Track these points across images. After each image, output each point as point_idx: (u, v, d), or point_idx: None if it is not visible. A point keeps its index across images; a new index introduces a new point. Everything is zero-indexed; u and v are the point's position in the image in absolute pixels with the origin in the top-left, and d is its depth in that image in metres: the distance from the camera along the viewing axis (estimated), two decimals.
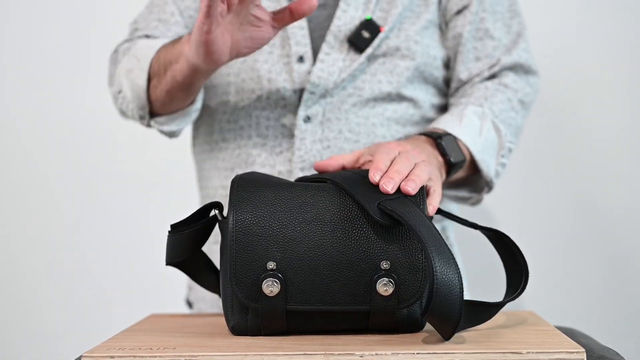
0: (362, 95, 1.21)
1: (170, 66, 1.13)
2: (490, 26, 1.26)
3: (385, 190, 0.86)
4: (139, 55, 1.20)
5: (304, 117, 1.19)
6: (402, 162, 0.90)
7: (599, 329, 1.51)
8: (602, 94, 1.75)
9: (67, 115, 1.85)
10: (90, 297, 1.85)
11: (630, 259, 1.76)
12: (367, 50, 1.20)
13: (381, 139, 1.21)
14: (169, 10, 1.28)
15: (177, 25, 1.27)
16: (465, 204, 1.28)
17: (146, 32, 1.27)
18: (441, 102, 1.28)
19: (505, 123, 1.22)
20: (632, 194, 1.75)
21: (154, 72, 1.18)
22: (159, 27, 1.27)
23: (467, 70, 1.25)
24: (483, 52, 1.25)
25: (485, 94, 1.22)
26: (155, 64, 1.17)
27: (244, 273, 0.85)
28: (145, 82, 1.18)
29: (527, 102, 1.26)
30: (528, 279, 0.92)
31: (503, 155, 1.21)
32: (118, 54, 1.29)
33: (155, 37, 1.26)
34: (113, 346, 0.83)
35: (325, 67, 1.20)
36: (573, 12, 1.76)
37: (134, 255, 1.84)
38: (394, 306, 0.84)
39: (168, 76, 1.14)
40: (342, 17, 1.21)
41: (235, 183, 0.89)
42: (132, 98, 1.22)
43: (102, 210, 1.85)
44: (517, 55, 1.26)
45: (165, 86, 1.16)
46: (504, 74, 1.25)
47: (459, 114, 1.18)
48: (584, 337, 0.94)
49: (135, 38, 1.28)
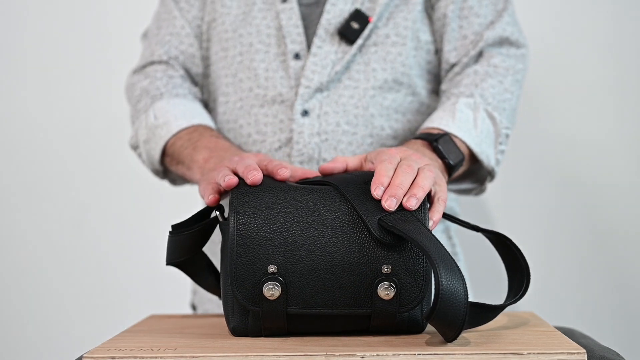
0: (359, 85, 1.21)
1: (182, 165, 1.19)
2: (475, 4, 1.24)
3: (388, 209, 0.85)
4: (156, 128, 1.23)
5: (301, 111, 1.20)
6: (404, 173, 0.89)
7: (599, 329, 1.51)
8: (600, 92, 1.75)
9: (67, 116, 1.85)
10: (91, 297, 1.85)
11: (630, 260, 1.76)
12: (358, 41, 1.21)
13: (379, 130, 1.21)
14: (179, 24, 1.30)
15: (189, 37, 1.30)
16: (469, 194, 1.28)
17: (160, 50, 1.30)
18: (438, 87, 1.28)
19: (499, 108, 1.20)
20: (632, 195, 1.75)
21: (168, 152, 1.22)
22: (171, 41, 1.30)
23: (455, 50, 1.24)
24: (469, 30, 1.24)
25: (474, 81, 1.20)
26: (170, 149, 1.22)
27: (244, 276, 0.84)
28: (159, 157, 1.23)
29: (520, 78, 1.25)
30: (530, 282, 0.92)
31: (501, 143, 1.20)
32: (134, 91, 1.31)
33: (171, 66, 1.29)
34: (113, 347, 0.83)
35: (318, 61, 1.21)
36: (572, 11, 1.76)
37: (135, 255, 1.84)
38: (394, 310, 0.84)
39: (179, 170, 1.20)
40: (331, 10, 1.23)
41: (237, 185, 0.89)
42: (148, 163, 1.28)
43: (102, 210, 1.85)
44: (501, 29, 1.24)
45: (177, 171, 1.22)
46: (491, 53, 1.23)
47: (451, 109, 1.17)
48: (584, 338, 0.94)
49: (150, 67, 1.30)
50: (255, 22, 1.25)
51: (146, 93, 1.28)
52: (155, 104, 1.25)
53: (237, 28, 1.26)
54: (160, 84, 1.28)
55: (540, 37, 1.66)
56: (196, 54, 1.30)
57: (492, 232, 0.95)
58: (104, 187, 1.85)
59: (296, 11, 1.23)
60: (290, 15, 1.23)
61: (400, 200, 0.86)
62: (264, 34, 1.24)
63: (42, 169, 1.86)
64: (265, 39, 1.24)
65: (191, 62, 1.30)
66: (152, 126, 1.23)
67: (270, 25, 1.24)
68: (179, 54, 1.30)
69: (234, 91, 1.25)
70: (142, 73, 1.31)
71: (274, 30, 1.24)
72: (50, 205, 1.85)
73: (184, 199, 1.59)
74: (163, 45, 1.30)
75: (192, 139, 1.18)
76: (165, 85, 1.27)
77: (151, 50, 1.31)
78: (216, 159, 1.11)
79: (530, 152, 1.74)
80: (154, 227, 1.65)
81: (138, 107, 1.28)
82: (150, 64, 1.31)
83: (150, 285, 1.81)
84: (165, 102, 1.25)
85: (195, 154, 1.15)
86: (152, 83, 1.28)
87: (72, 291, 1.85)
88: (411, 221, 0.84)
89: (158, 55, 1.30)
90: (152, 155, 1.24)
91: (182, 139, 1.20)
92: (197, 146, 1.16)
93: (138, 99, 1.29)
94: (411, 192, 0.87)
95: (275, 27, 1.24)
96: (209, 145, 1.16)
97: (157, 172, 1.28)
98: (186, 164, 1.17)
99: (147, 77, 1.29)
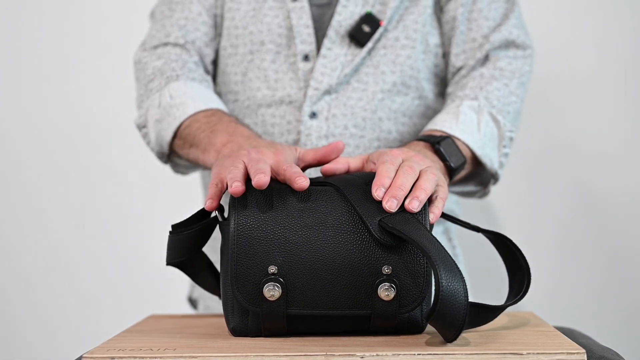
0: (367, 88, 1.21)
1: (196, 148, 1.15)
2: (484, 6, 1.24)
3: (389, 211, 0.85)
4: (171, 107, 1.19)
5: (309, 113, 1.20)
6: (406, 174, 0.88)
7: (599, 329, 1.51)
8: (600, 92, 1.75)
9: (67, 116, 1.85)
10: (90, 297, 1.85)
11: (630, 260, 1.76)
12: (368, 44, 1.21)
13: (387, 134, 1.21)
14: (196, 10, 1.27)
15: (205, 25, 1.27)
16: (473, 197, 1.28)
17: (177, 32, 1.26)
18: (444, 90, 1.28)
19: (504, 112, 1.20)
20: (632, 195, 1.75)
21: (180, 134, 1.18)
22: (187, 25, 1.26)
23: (463, 53, 1.24)
24: (478, 33, 1.23)
25: (480, 84, 1.20)
26: (184, 131, 1.17)
27: (245, 277, 0.84)
28: (171, 138, 1.19)
29: (526, 81, 1.24)
30: (530, 282, 0.92)
31: (505, 146, 1.20)
32: (146, 70, 1.26)
33: (186, 50, 1.25)
34: (113, 347, 0.83)
35: (327, 63, 1.20)
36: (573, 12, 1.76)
37: (134, 255, 1.84)
38: (395, 311, 0.84)
39: (192, 153, 1.16)
40: (342, 12, 1.22)
41: None
42: (155, 144, 1.23)
43: (102, 210, 1.85)
44: (507, 31, 1.23)
45: (188, 155, 1.18)
46: (497, 56, 1.23)
47: (454, 112, 1.17)
48: (584, 338, 0.94)
49: (163, 48, 1.26)
50: (266, 20, 1.24)
51: (161, 73, 1.23)
52: (171, 84, 1.21)
53: (248, 25, 1.25)
54: (175, 65, 1.24)
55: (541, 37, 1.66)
56: (210, 44, 1.28)
57: (492, 233, 0.95)
58: (104, 187, 1.85)
59: (307, 11, 1.23)
60: (301, 15, 1.23)
61: (402, 201, 0.86)
62: (275, 33, 1.23)
63: (42, 169, 1.86)
64: (277, 38, 1.23)
65: (205, 51, 1.27)
66: (167, 105, 1.19)
67: (282, 25, 1.23)
68: (195, 39, 1.26)
69: (242, 90, 1.25)
70: (154, 53, 1.26)
71: (285, 30, 1.23)
72: (50, 206, 1.85)
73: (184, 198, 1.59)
74: (180, 28, 1.26)
75: (211, 122, 1.15)
76: (181, 68, 1.23)
77: (166, 32, 1.27)
78: (234, 145, 1.08)
79: (530, 152, 1.74)
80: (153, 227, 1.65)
81: (150, 86, 1.24)
82: (164, 45, 1.26)
83: (150, 285, 1.81)
84: (182, 83, 1.22)
85: (214, 136, 1.12)
86: (166, 64, 1.24)
87: (72, 291, 1.85)
88: (412, 223, 0.84)
89: (175, 38, 1.25)
90: (163, 136, 1.20)
91: (199, 121, 1.16)
92: (215, 129, 1.13)
93: (150, 79, 1.24)
94: (413, 195, 0.87)
95: (287, 26, 1.23)
96: (228, 129, 1.13)
97: (162, 155, 1.23)
98: (202, 146, 1.13)
99: (161, 58, 1.25)
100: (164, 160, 1.25)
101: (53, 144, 1.85)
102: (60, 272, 1.85)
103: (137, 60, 1.28)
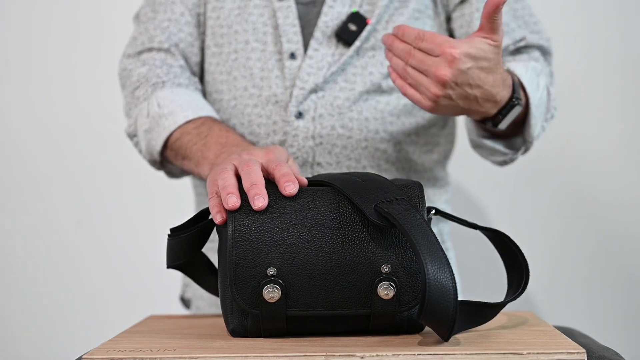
0: (355, 88, 1.20)
1: (189, 161, 1.14)
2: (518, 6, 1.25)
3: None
4: (160, 117, 1.18)
5: (295, 113, 1.19)
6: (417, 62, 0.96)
7: (599, 329, 1.51)
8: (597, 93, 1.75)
9: (66, 116, 1.85)
10: (90, 298, 1.85)
11: (630, 259, 1.76)
12: (355, 43, 1.20)
13: (374, 134, 1.21)
14: (178, 10, 1.26)
15: (188, 25, 1.26)
16: (497, 161, 1.24)
17: (160, 36, 1.25)
18: None
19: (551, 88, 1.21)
20: (632, 194, 1.75)
21: (171, 146, 1.18)
22: (170, 27, 1.25)
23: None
24: (506, 28, 1.23)
25: (525, 64, 1.18)
26: (175, 143, 1.17)
27: (244, 279, 0.84)
28: (161, 148, 1.19)
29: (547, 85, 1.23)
30: (529, 279, 0.92)
31: (546, 119, 1.19)
32: (131, 77, 1.25)
33: (171, 54, 1.24)
34: (112, 348, 0.83)
35: (314, 63, 1.20)
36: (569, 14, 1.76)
37: (134, 256, 1.84)
38: (394, 309, 0.84)
39: (185, 165, 1.16)
40: (328, 12, 1.21)
41: None
42: (146, 153, 1.22)
43: (101, 211, 1.85)
44: (544, 39, 1.25)
45: (182, 165, 1.18)
46: (531, 50, 1.23)
47: (524, 64, 1.16)
48: (583, 337, 0.94)
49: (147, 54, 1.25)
50: (251, 19, 1.24)
51: (146, 80, 1.23)
52: (158, 92, 1.21)
53: (232, 24, 1.24)
54: (160, 72, 1.23)
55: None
56: (195, 44, 1.27)
57: (490, 230, 0.95)
58: (104, 187, 1.85)
59: (293, 10, 1.22)
60: (287, 14, 1.22)
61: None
62: (260, 32, 1.23)
63: (42, 169, 1.86)
64: (262, 37, 1.23)
65: (190, 52, 1.26)
66: (155, 115, 1.19)
67: (267, 23, 1.23)
68: (178, 41, 1.25)
69: (227, 89, 1.24)
70: (138, 59, 1.26)
71: (271, 29, 1.23)
72: (50, 205, 1.85)
73: (183, 199, 1.59)
74: (163, 31, 1.25)
75: (201, 133, 1.15)
76: (166, 74, 1.23)
77: (149, 36, 1.26)
78: (226, 155, 1.07)
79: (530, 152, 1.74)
80: (153, 227, 1.65)
81: (136, 94, 1.23)
82: (147, 50, 1.25)
83: (150, 286, 1.81)
84: (168, 91, 1.21)
85: (206, 150, 1.12)
86: (151, 70, 1.23)
87: (72, 292, 1.85)
88: (407, 209, 0.83)
89: (158, 42, 1.25)
90: (153, 146, 1.20)
91: (189, 133, 1.15)
92: (207, 142, 1.13)
93: (136, 86, 1.23)
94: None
95: (272, 25, 1.23)
96: (219, 140, 1.12)
97: (154, 162, 1.23)
98: (195, 160, 1.13)
99: (145, 64, 1.24)
100: (156, 167, 1.25)
101: (54, 144, 1.85)
102: (61, 272, 1.85)
103: (122, 68, 1.28)
